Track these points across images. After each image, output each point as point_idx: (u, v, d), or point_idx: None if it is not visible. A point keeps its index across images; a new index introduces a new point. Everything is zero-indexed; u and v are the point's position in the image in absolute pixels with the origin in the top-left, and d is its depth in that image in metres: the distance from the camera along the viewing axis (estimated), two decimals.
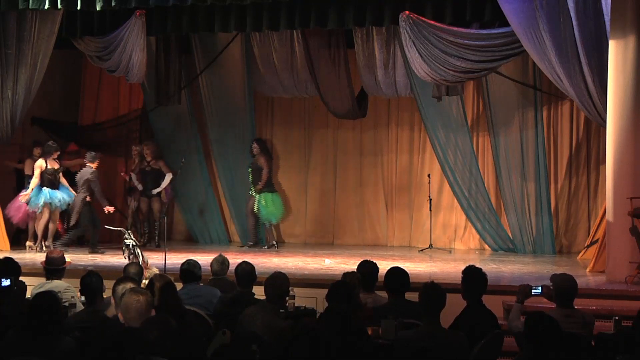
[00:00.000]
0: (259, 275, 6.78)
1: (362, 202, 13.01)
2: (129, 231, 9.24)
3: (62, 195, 11.33)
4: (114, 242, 11.94)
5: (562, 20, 8.86)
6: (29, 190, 11.16)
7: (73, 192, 11.44)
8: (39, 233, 11.30)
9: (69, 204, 11.39)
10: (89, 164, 11.37)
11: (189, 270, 6.98)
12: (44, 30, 10.96)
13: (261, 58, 12.46)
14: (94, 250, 11.10)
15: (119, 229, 10.41)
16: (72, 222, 11.42)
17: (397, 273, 6.57)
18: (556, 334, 4.66)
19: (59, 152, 11.49)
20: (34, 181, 11.17)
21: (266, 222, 12.20)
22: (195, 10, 10.51)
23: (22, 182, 11.98)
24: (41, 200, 11.15)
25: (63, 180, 11.52)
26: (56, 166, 11.44)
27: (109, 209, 11.39)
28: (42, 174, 11.22)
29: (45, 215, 11.25)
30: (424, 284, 5.61)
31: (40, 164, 11.20)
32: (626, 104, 8.60)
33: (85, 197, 11.33)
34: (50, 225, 11.28)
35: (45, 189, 11.21)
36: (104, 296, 6.13)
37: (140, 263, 7.99)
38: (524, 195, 11.91)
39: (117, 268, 8.79)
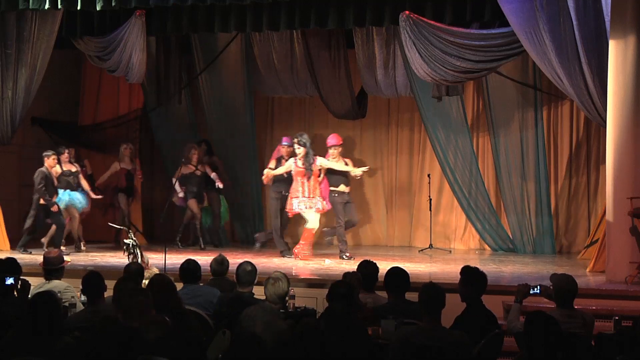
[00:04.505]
0: (259, 275, 6.78)
1: (362, 202, 13.01)
2: (130, 231, 9.24)
3: (81, 197, 11.45)
4: (111, 242, 12.00)
5: (562, 20, 8.86)
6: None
7: (93, 194, 11.58)
8: (75, 235, 11.40)
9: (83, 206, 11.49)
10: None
11: (189, 270, 6.98)
12: (44, 30, 10.95)
13: (261, 58, 12.46)
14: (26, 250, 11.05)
15: (122, 227, 10.43)
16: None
17: (397, 273, 6.57)
18: (556, 334, 4.66)
19: (64, 154, 11.47)
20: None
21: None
22: (195, 10, 10.50)
23: None
24: (62, 204, 11.24)
25: (83, 183, 11.58)
26: (73, 169, 11.48)
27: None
28: (59, 176, 11.31)
29: (76, 216, 11.36)
30: (423, 284, 5.61)
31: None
32: (626, 104, 8.61)
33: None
34: (74, 226, 11.39)
35: (65, 192, 11.30)
36: (105, 296, 6.12)
37: (140, 263, 7.99)
38: (524, 195, 11.92)
39: (117, 268, 8.79)
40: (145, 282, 6.47)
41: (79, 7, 10.03)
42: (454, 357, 5.04)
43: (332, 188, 11.03)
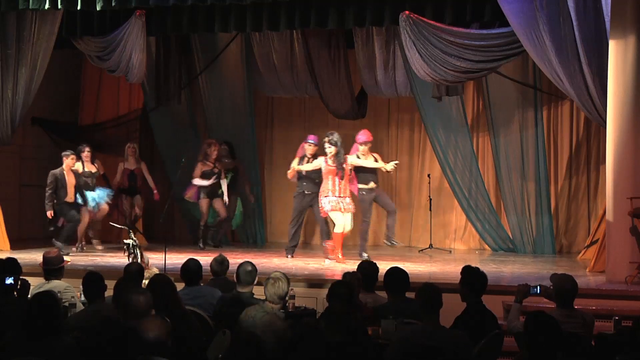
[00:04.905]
0: (259, 275, 6.78)
1: None
2: (130, 231, 9.24)
3: (97, 196, 11.41)
4: (114, 242, 11.99)
5: (562, 20, 8.86)
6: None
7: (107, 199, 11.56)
8: (80, 235, 11.32)
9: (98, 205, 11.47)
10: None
11: (191, 270, 6.96)
12: (44, 30, 10.95)
13: (261, 58, 12.47)
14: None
15: (123, 227, 10.43)
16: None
17: (395, 273, 6.58)
18: (556, 334, 4.66)
19: (84, 152, 11.49)
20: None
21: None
22: (195, 10, 10.50)
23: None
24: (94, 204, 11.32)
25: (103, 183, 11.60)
26: (94, 169, 11.48)
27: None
28: (79, 176, 11.28)
29: (85, 219, 11.31)
30: (419, 287, 5.62)
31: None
32: (626, 104, 8.60)
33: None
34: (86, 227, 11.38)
35: (89, 194, 11.33)
36: (105, 296, 6.12)
37: (140, 263, 7.98)
38: (524, 195, 11.92)
39: (117, 268, 8.79)
40: (145, 282, 6.46)
41: (79, 7, 10.03)
42: (454, 357, 5.04)
43: (360, 186, 10.64)
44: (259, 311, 5.75)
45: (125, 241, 8.64)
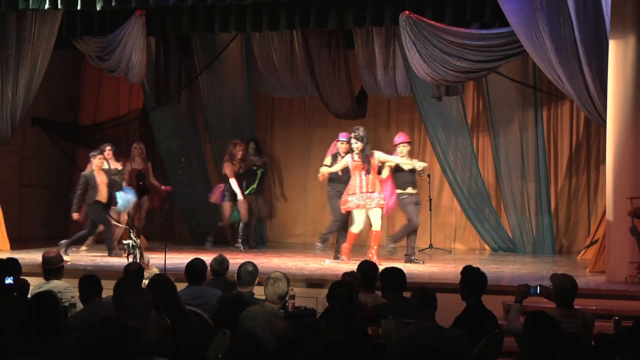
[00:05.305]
0: (259, 275, 6.78)
1: None
2: (132, 231, 9.23)
3: (125, 199, 11.29)
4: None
5: (562, 20, 8.85)
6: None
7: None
8: (116, 238, 11.15)
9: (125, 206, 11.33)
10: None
11: (197, 269, 6.93)
12: (44, 30, 10.95)
13: (261, 58, 12.47)
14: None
15: (125, 226, 10.42)
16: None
17: (392, 272, 6.61)
18: (556, 334, 4.66)
19: (106, 152, 11.35)
20: None
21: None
22: (195, 10, 10.51)
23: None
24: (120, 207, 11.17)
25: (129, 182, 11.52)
26: (119, 167, 11.40)
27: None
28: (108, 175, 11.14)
29: (123, 218, 11.24)
30: (413, 290, 5.62)
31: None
32: (626, 104, 8.60)
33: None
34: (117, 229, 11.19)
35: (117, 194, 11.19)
36: (105, 296, 6.12)
37: (140, 263, 7.98)
38: (524, 195, 11.93)
39: (117, 268, 8.78)
40: (145, 282, 6.46)
41: (79, 7, 10.03)
42: (454, 357, 5.04)
43: (399, 191, 10.46)
44: (259, 311, 5.75)
45: (124, 242, 8.64)
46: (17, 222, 12.24)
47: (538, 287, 6.19)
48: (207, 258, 7.54)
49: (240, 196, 11.72)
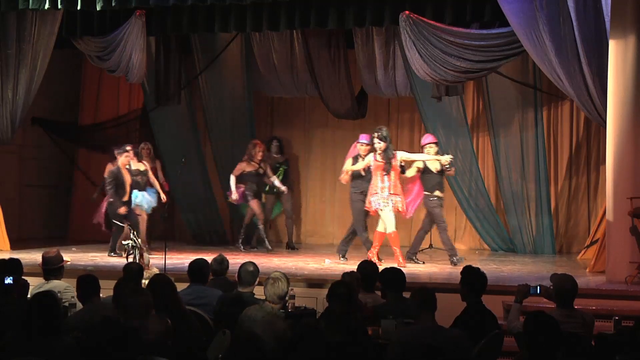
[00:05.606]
0: (259, 275, 6.78)
1: None
2: (132, 231, 9.23)
3: (148, 200, 11.24)
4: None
5: (562, 20, 8.86)
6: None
7: (164, 196, 11.33)
8: (142, 236, 10.86)
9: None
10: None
11: (199, 269, 6.93)
12: (44, 30, 10.95)
13: (261, 58, 12.46)
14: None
15: (126, 226, 10.41)
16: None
17: (392, 272, 6.61)
18: (556, 334, 4.66)
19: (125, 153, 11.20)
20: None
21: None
22: (195, 10, 10.51)
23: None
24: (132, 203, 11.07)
25: (154, 182, 11.43)
26: (142, 167, 11.37)
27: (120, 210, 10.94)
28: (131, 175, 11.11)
29: (144, 217, 11.17)
30: (413, 290, 5.63)
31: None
32: (626, 104, 8.61)
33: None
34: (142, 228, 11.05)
35: (135, 192, 11.11)
36: (104, 296, 6.12)
37: (140, 263, 7.98)
38: (524, 195, 11.92)
39: (117, 268, 8.78)
40: (145, 282, 6.46)
41: (79, 7, 10.03)
42: (454, 357, 5.04)
43: (426, 193, 10.39)
44: (259, 311, 5.75)
45: (124, 242, 8.63)
46: (17, 222, 12.23)
47: (538, 287, 6.19)
48: (208, 258, 7.55)
49: (284, 189, 11.78)
